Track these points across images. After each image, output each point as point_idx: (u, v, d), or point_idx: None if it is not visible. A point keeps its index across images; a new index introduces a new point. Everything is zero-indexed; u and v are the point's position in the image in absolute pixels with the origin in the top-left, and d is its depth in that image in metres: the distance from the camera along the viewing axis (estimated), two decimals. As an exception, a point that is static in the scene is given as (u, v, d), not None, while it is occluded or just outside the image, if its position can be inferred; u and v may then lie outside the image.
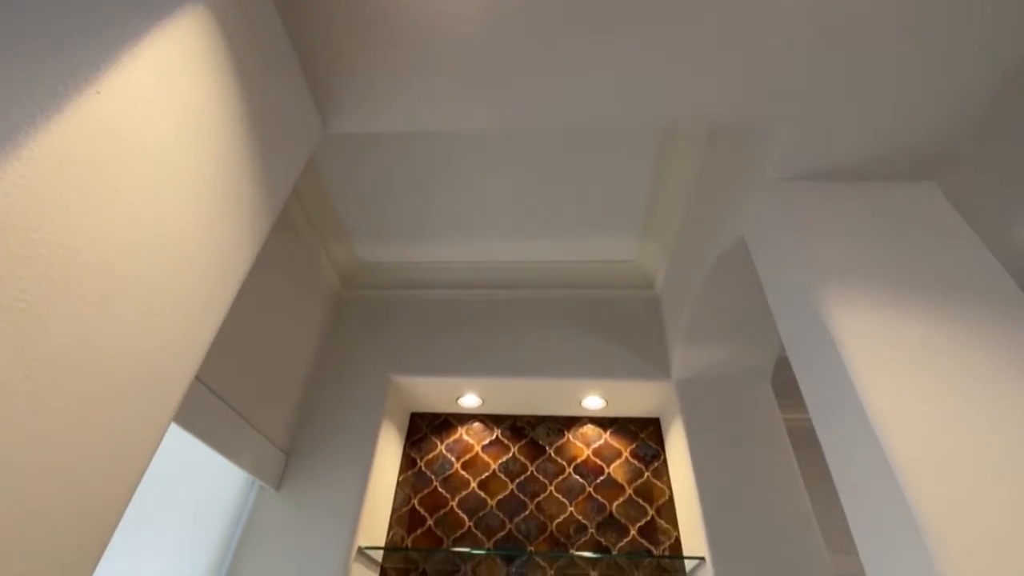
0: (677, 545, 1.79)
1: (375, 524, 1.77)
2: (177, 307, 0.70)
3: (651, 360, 1.97)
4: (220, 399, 1.46)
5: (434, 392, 2.07)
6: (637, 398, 2.02)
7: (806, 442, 2.49)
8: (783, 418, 2.08)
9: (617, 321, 2.10)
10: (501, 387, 2.02)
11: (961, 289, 0.92)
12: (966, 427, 0.75)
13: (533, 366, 1.99)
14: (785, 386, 2.47)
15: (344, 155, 1.81)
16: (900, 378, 0.81)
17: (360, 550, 1.61)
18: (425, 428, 2.17)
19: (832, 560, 1.70)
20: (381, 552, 1.75)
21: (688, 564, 1.66)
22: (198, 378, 1.38)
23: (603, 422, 2.15)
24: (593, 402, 2.05)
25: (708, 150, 1.53)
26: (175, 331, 0.69)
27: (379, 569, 1.80)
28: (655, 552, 1.78)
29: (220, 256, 0.78)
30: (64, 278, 0.53)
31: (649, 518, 1.89)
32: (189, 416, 1.33)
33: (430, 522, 1.91)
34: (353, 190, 1.94)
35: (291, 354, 1.87)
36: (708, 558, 1.53)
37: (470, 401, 2.09)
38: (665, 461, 2.02)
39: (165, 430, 0.67)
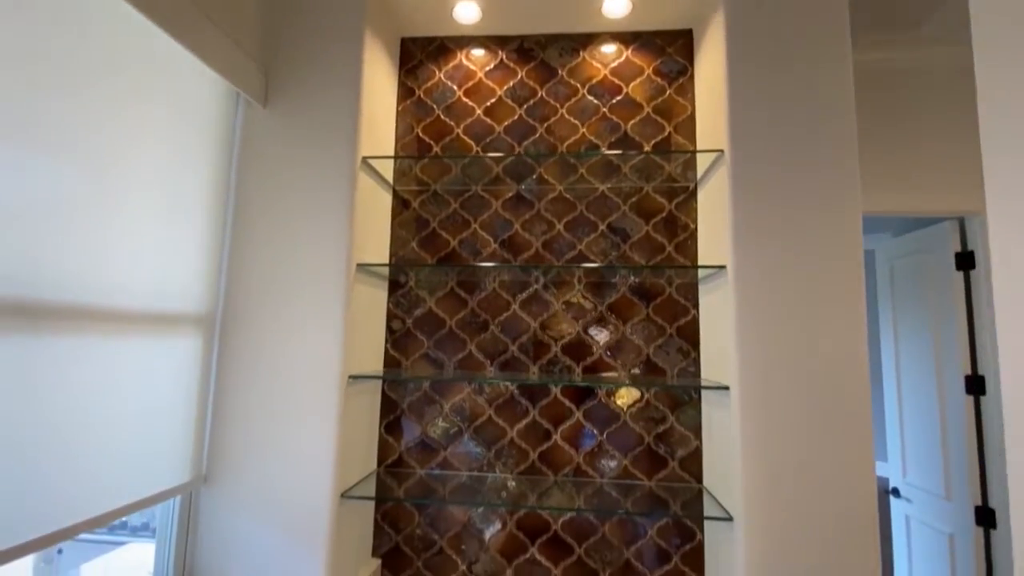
0: (692, 160, 1.71)
1: (379, 146, 1.70)
2: None
3: (697, -73, 1.51)
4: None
5: (421, 2, 1.71)
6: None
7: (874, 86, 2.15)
8: (854, 59, 1.66)
9: None
10: (503, -12, 1.64)
11: None
12: None
13: (542, -49, 1.56)
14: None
15: None
16: None
17: (364, 160, 1.58)
18: (420, 55, 1.90)
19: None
20: (391, 172, 1.73)
21: (702, 163, 1.62)
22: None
23: (625, 37, 1.83)
24: (615, 6, 1.69)
25: None
26: None
27: (391, 191, 1.83)
28: (667, 167, 1.73)
29: None
30: None
31: (666, 135, 1.78)
32: None
33: (436, 149, 1.85)
34: None
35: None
36: (727, 151, 1.45)
37: (467, 12, 1.74)
38: (692, 76, 1.79)
39: None
